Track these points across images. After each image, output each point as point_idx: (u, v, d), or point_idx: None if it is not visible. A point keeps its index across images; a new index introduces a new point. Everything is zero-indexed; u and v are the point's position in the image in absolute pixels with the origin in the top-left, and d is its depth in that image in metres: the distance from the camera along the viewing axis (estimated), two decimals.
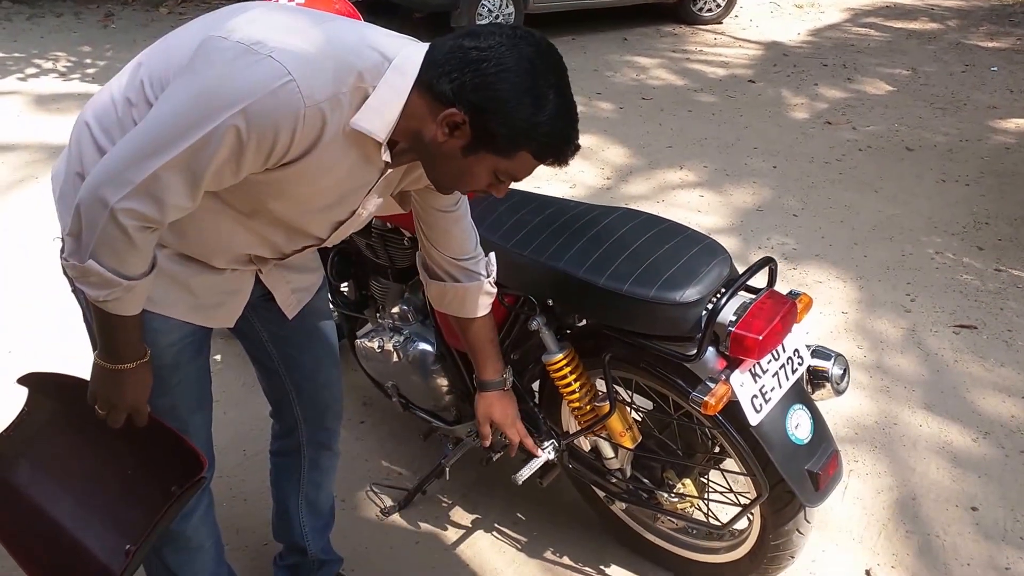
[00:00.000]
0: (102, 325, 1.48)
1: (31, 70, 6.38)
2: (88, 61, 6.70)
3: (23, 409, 1.72)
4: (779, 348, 1.99)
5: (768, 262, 2.01)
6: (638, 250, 2.02)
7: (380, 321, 2.56)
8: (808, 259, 4.15)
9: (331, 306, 2.78)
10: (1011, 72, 7.53)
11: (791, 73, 7.24)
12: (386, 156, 1.44)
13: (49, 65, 6.54)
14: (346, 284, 2.80)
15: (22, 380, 1.71)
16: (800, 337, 2.06)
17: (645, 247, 2.03)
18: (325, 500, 2.21)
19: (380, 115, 1.38)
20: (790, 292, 2.06)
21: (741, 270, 2.01)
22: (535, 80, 1.34)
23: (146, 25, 7.76)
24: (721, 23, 8.96)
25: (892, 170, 5.28)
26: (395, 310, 2.48)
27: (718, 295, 1.91)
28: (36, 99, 5.86)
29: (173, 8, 8.16)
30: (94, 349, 1.54)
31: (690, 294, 1.89)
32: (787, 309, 1.93)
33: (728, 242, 4.20)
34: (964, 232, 4.51)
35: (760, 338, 1.84)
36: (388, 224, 2.37)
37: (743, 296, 1.95)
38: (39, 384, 1.72)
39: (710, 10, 8.86)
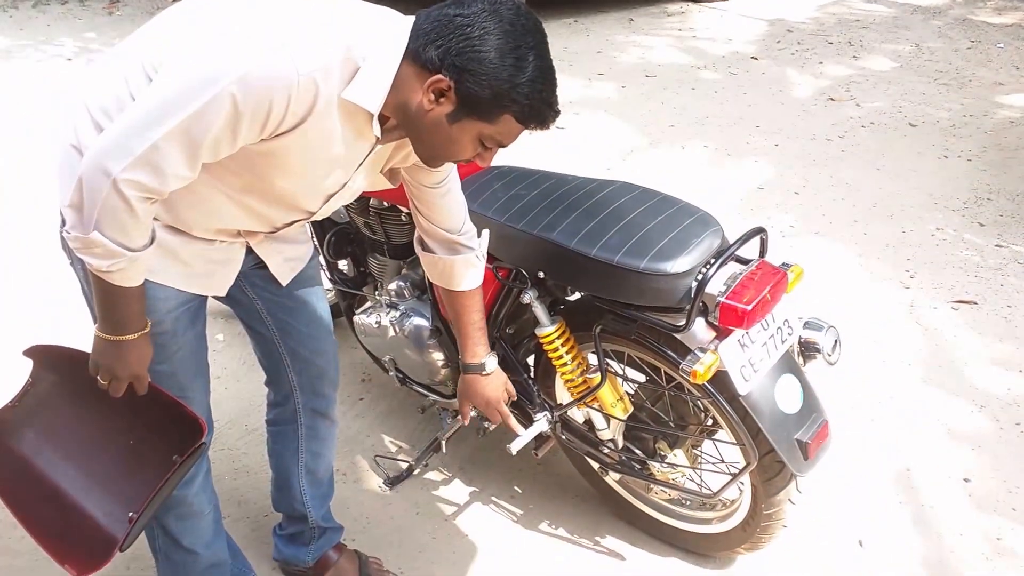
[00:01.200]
0: (104, 297, 1.52)
1: (38, 56, 6.42)
2: (94, 48, 6.72)
3: (28, 380, 1.77)
4: (769, 318, 2.02)
5: (759, 232, 2.04)
6: (631, 222, 2.04)
7: (378, 297, 2.60)
8: (808, 236, 4.17)
9: (329, 283, 2.83)
10: (1017, 48, 7.47)
11: (795, 51, 7.21)
12: (377, 130, 1.47)
13: (55, 52, 6.57)
14: (344, 262, 2.83)
15: (27, 352, 1.75)
16: (791, 307, 2.09)
17: (638, 219, 2.05)
18: (325, 470, 2.25)
19: (371, 86, 1.41)
20: (782, 263, 2.08)
21: (745, 248, 2.04)
22: (516, 42, 1.38)
23: (151, 12, 7.69)
24: (726, 0, 8.92)
25: (894, 146, 5.28)
26: (392, 286, 2.51)
27: (708, 265, 1.94)
28: (43, 86, 5.89)
29: None
30: (94, 322, 1.59)
31: (680, 265, 1.92)
32: (778, 280, 1.96)
33: (728, 220, 4.17)
34: (965, 208, 4.51)
35: (749, 308, 1.86)
36: (386, 202, 2.40)
37: (734, 267, 1.97)
38: (43, 356, 1.77)
39: None
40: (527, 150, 4.97)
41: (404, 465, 2.70)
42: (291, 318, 1.99)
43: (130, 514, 1.63)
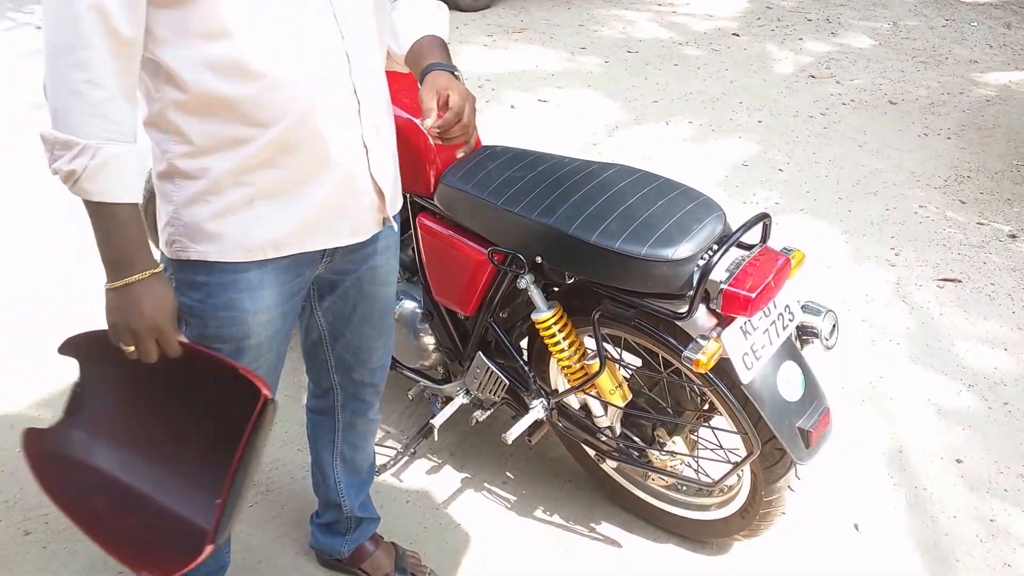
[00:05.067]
0: (98, 229, 1.36)
1: (6, 24, 6.15)
2: None
3: (75, 384, 1.59)
4: (771, 304, 1.93)
5: (763, 217, 1.94)
6: (631, 207, 1.94)
7: None
8: (793, 213, 4.08)
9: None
10: (990, 27, 7.41)
11: (775, 27, 7.10)
12: None
13: (25, 19, 6.31)
14: None
15: (63, 350, 1.56)
16: (792, 293, 2.00)
17: (638, 204, 1.95)
18: (363, 460, 2.11)
19: None
20: (784, 248, 1.99)
21: (732, 226, 1.94)
22: None
23: None
24: None
25: (875, 124, 5.20)
26: None
27: (711, 252, 1.84)
28: (13, 54, 5.64)
29: None
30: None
31: (682, 251, 1.82)
32: (781, 266, 1.86)
33: (714, 197, 4.09)
34: (946, 186, 4.45)
35: (753, 296, 1.77)
36: None
37: (736, 252, 1.88)
38: (80, 349, 1.57)
39: None
40: (512, 125, 4.88)
41: (393, 452, 2.60)
42: (347, 330, 1.83)
43: (216, 501, 1.43)
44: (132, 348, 1.41)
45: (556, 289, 2.16)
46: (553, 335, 2.08)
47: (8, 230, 3.76)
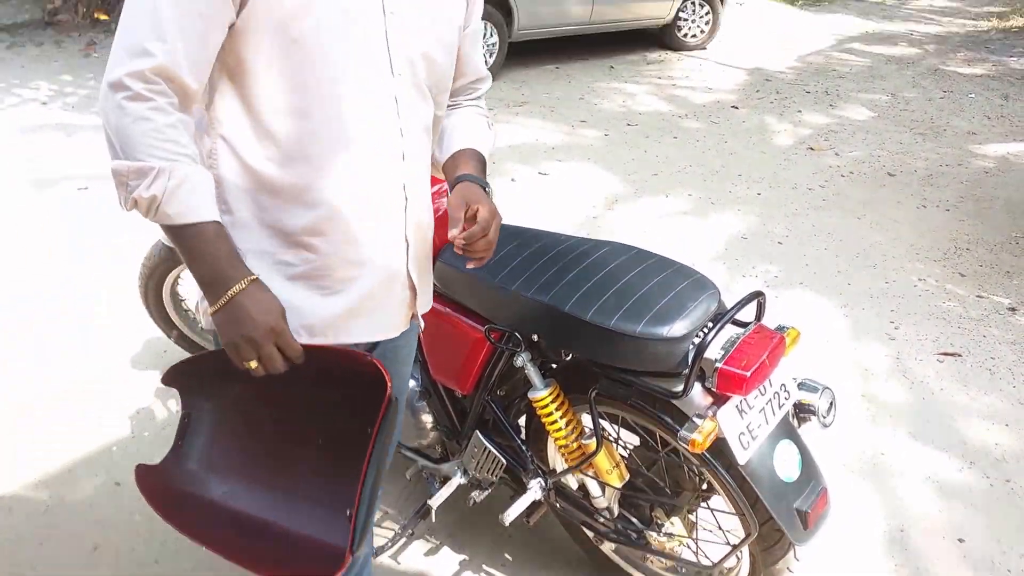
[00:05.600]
0: (187, 252, 1.37)
1: (12, 100, 6.28)
2: (69, 90, 6.61)
3: (182, 415, 1.58)
4: (766, 383, 1.95)
5: (757, 296, 1.98)
6: (626, 285, 1.98)
7: None
8: (793, 286, 4.13)
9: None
10: (988, 98, 7.56)
11: (774, 100, 7.25)
12: None
13: (31, 95, 6.44)
14: None
15: (167, 380, 1.55)
16: (787, 370, 2.02)
17: (633, 282, 1.99)
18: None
19: None
20: (778, 326, 2.02)
21: (729, 300, 1.98)
22: None
23: None
24: (706, 48, 8.97)
25: (874, 196, 5.28)
26: None
27: (705, 330, 1.87)
28: (18, 129, 5.75)
29: None
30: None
31: (677, 329, 1.86)
32: (776, 344, 1.89)
33: (714, 270, 4.18)
34: (946, 258, 4.50)
35: (748, 374, 1.80)
36: None
37: (731, 330, 1.91)
38: (182, 377, 1.56)
39: (695, 36, 8.87)
40: (513, 197, 4.96)
41: (391, 532, 2.60)
42: None
43: (347, 512, 1.42)
44: (255, 363, 1.39)
45: (553, 367, 2.19)
46: (550, 413, 2.11)
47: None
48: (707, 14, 8.81)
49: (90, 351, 3.37)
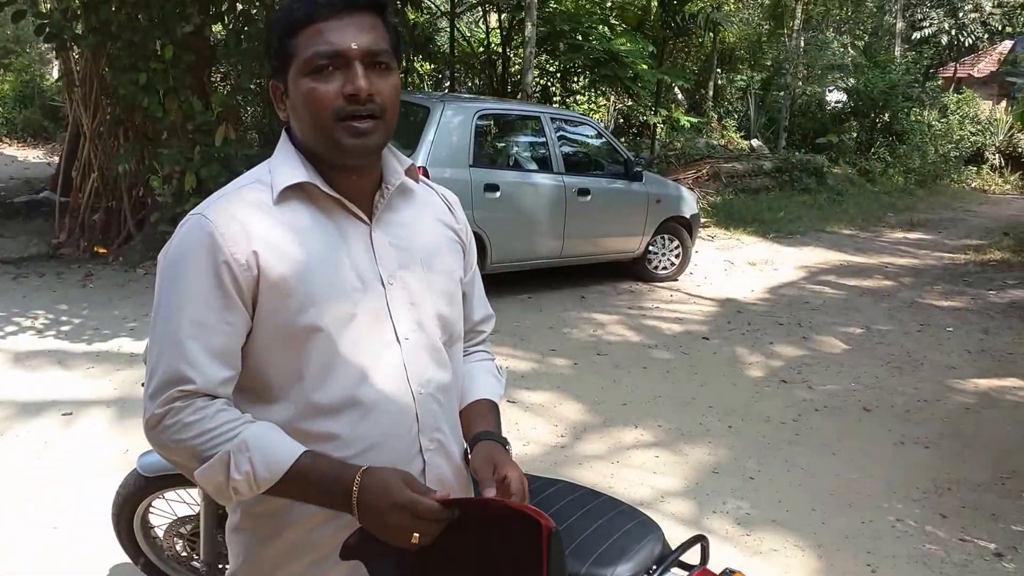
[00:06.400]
0: (306, 496, 1.55)
1: (10, 328, 6.71)
2: (64, 319, 7.04)
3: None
4: None
5: (700, 539, 2.16)
6: (571, 525, 2.16)
7: None
8: (765, 524, 4.27)
9: None
10: (967, 332, 8.00)
11: (746, 331, 7.64)
12: (312, 179, 1.62)
13: (28, 323, 6.87)
14: None
15: (344, 554, 1.62)
16: None
17: (578, 522, 2.18)
18: None
19: (282, 164, 1.65)
20: (724, 570, 2.18)
21: (696, 532, 2.15)
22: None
23: (122, 285, 8.19)
24: (676, 280, 9.50)
25: (850, 431, 5.52)
26: None
27: (649, 573, 2.04)
28: (13, 356, 6.10)
29: (150, 269, 8.64)
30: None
31: (621, 571, 2.02)
32: None
33: (683, 505, 4.33)
34: (925, 498, 4.68)
35: None
36: None
37: (676, 574, 2.08)
38: (360, 550, 1.61)
39: (665, 268, 9.45)
40: None
41: None
42: None
43: None
44: (415, 538, 1.49)
45: None
46: None
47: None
48: (677, 247, 9.45)
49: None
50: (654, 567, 2.05)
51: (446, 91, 16.88)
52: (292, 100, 1.60)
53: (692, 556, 2.13)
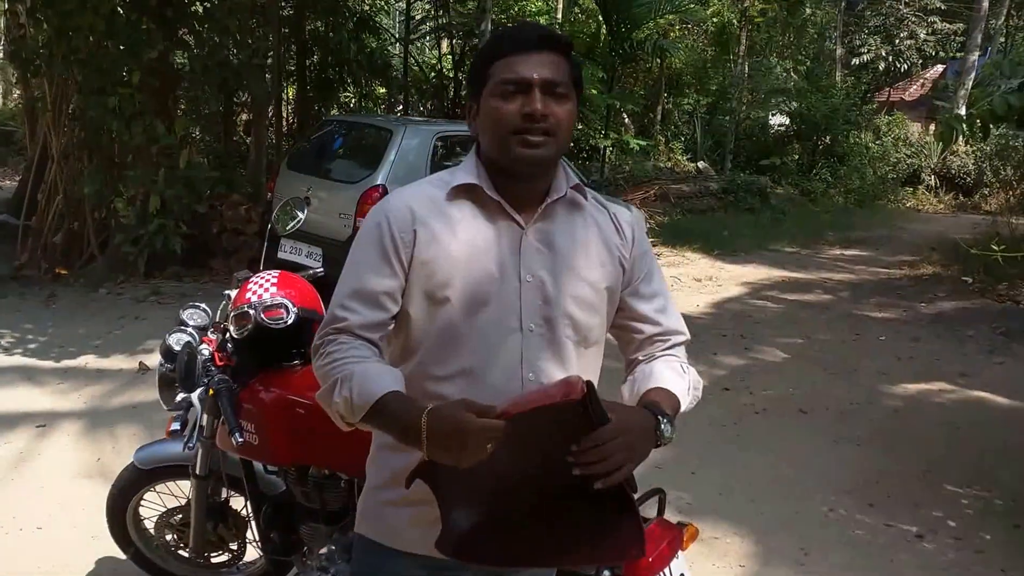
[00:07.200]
0: (386, 427, 1.80)
1: None
2: (30, 337, 7.26)
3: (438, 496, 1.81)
4: (666, 571, 2.44)
5: (658, 492, 2.51)
6: None
7: (308, 563, 2.93)
8: (705, 513, 4.62)
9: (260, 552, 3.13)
10: (898, 341, 8.47)
11: (692, 342, 8.00)
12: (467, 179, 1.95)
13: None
14: (274, 533, 3.16)
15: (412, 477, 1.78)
16: (684, 564, 2.52)
17: None
18: None
19: (462, 169, 1.99)
20: (679, 522, 2.54)
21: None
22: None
23: (85, 305, 8.36)
24: None
25: (787, 432, 5.93)
26: (323, 551, 2.86)
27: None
28: None
29: (112, 289, 8.86)
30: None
31: None
32: (673, 536, 2.41)
33: None
34: (855, 490, 5.07)
35: (650, 559, 2.30)
36: (326, 471, 2.81)
37: None
38: (429, 474, 1.77)
39: None
40: None
41: None
42: None
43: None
44: (488, 450, 1.65)
45: None
46: None
47: None
48: None
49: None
50: None
51: (399, 114, 17.23)
52: (481, 116, 1.93)
53: (649, 510, 2.46)
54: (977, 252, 3.82)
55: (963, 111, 14.73)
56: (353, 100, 17.15)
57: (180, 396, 3.02)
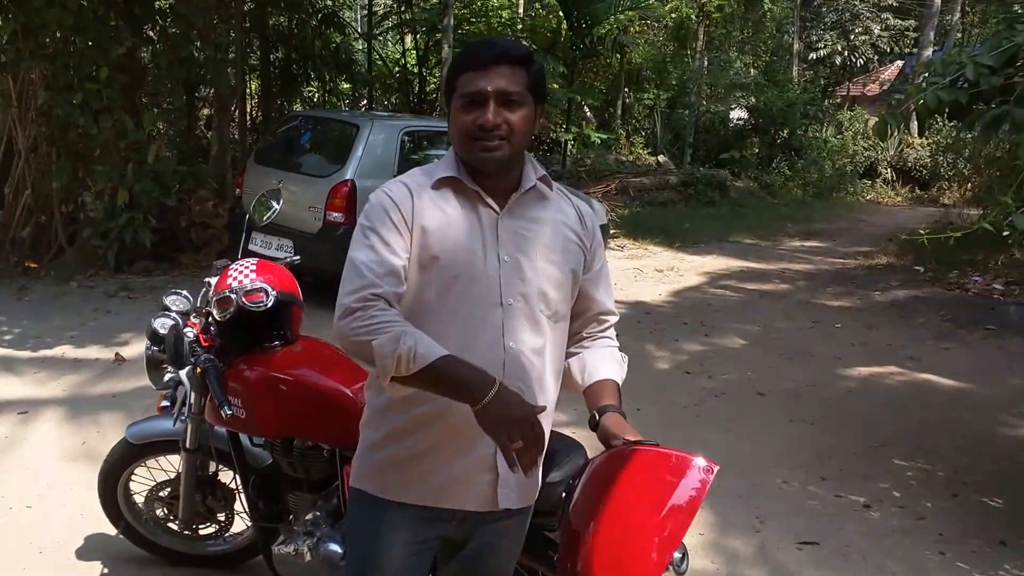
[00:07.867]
0: (447, 381, 1.98)
1: None
2: (4, 329, 7.37)
3: None
4: None
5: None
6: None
7: (295, 528, 3.13)
8: None
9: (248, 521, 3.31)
10: (852, 327, 8.79)
11: (654, 330, 8.30)
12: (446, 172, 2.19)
13: None
14: (262, 502, 3.35)
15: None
16: None
17: None
18: None
19: (443, 163, 2.23)
20: None
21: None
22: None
23: (57, 298, 8.44)
24: None
25: (745, 412, 6.20)
26: (308, 517, 3.06)
27: (574, 479, 2.61)
28: None
29: (82, 282, 8.95)
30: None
31: (553, 476, 2.60)
32: None
33: None
34: (808, 465, 5.35)
35: None
36: (309, 443, 3.01)
37: None
38: None
39: None
40: None
41: None
42: None
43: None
44: (520, 444, 1.93)
45: None
46: None
47: None
48: None
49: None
50: (579, 474, 2.60)
51: (364, 109, 17.34)
52: (450, 123, 2.17)
53: None
54: (924, 233, 4.08)
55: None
56: (317, 95, 17.28)
57: (168, 375, 3.21)
